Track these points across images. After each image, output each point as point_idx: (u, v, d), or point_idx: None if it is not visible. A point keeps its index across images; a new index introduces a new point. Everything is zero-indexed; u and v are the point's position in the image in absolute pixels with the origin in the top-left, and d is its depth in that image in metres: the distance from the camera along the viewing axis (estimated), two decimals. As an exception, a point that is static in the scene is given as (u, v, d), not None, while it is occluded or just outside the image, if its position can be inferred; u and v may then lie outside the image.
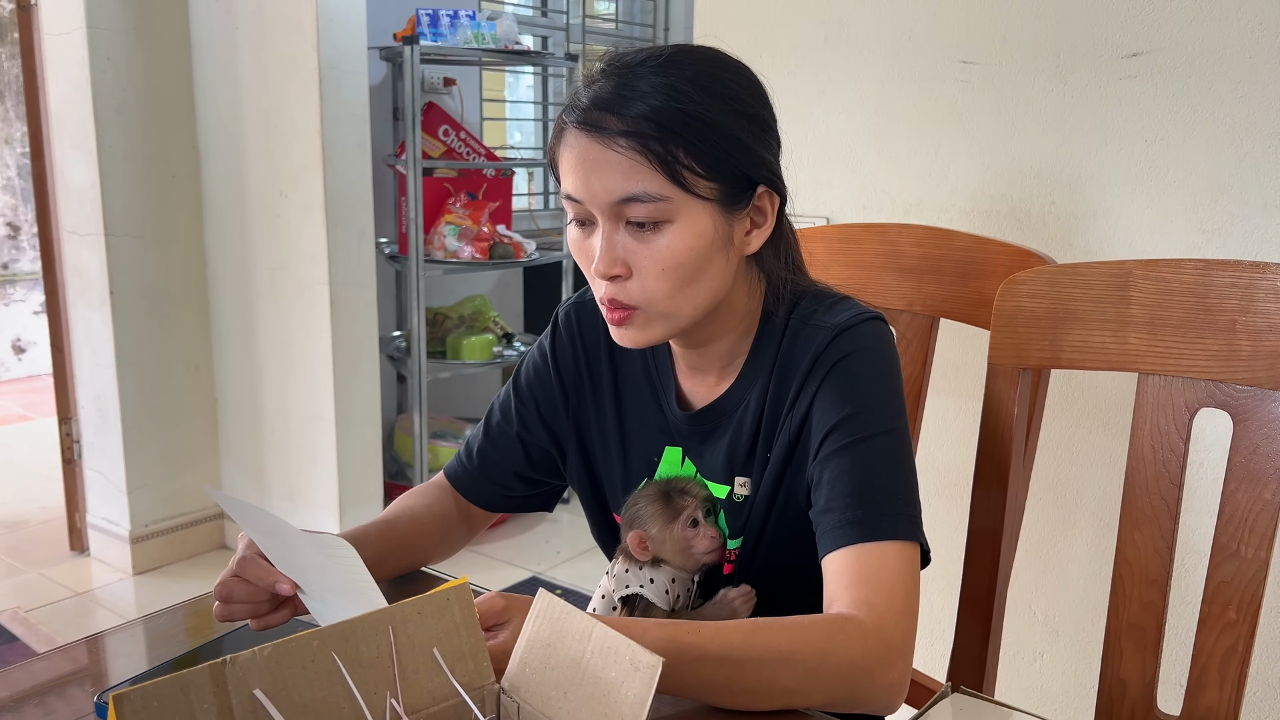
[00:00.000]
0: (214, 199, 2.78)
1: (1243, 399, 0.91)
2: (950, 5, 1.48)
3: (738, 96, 0.85)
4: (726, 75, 0.85)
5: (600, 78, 0.84)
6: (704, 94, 0.82)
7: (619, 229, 0.84)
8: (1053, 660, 1.53)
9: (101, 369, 2.73)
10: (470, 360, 3.07)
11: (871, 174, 1.59)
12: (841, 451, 0.84)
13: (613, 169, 0.81)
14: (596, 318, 1.00)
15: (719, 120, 0.82)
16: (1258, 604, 0.91)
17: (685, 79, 0.82)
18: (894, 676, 0.78)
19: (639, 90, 0.81)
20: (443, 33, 2.79)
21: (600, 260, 0.84)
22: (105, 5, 2.54)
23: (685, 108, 0.81)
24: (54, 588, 2.72)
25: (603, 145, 0.81)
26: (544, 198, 4.12)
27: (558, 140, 0.86)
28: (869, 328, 0.89)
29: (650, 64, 0.83)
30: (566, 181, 0.85)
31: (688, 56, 0.85)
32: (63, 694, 0.81)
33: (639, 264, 0.84)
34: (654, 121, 0.80)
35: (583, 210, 0.85)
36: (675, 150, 0.80)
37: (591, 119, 0.82)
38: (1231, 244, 1.29)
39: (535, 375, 1.04)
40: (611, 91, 0.82)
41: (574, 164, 0.83)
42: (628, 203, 0.82)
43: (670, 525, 0.91)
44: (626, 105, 0.81)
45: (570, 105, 0.84)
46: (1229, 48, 1.26)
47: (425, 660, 0.58)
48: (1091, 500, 1.46)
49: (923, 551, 0.84)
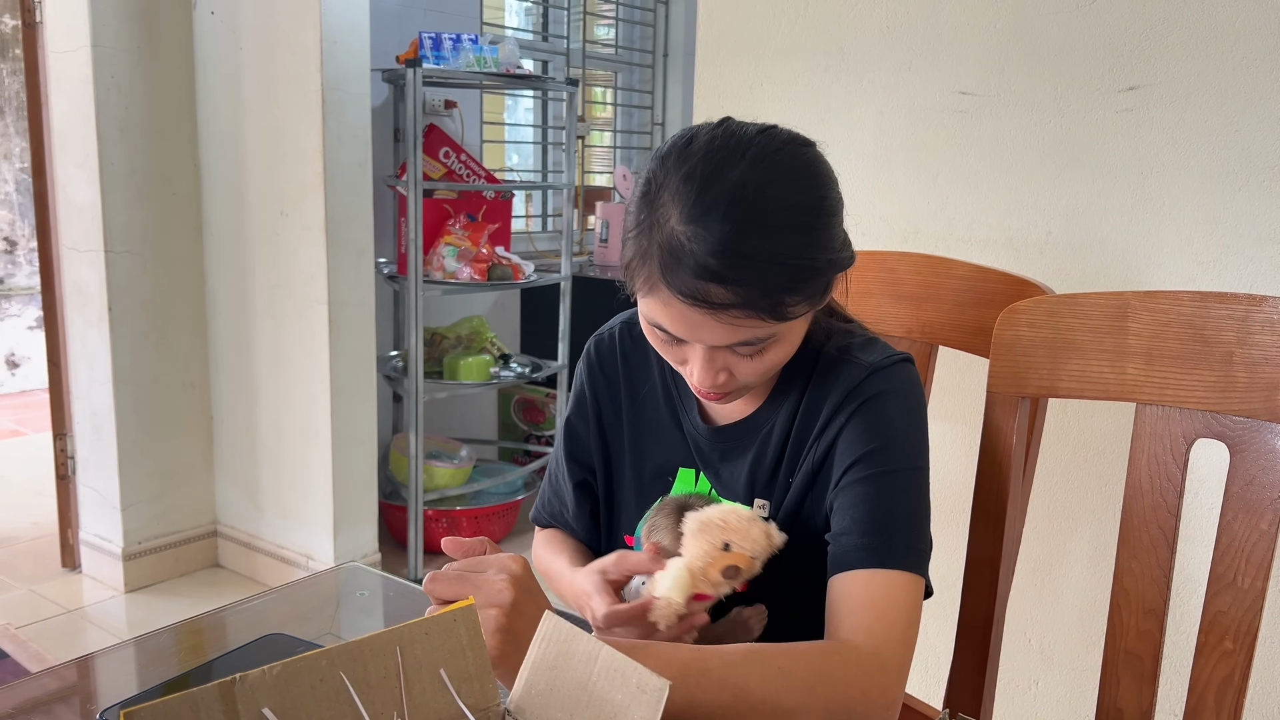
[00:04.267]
0: (214, 217, 2.79)
1: (1239, 430, 0.92)
2: (949, 36, 1.50)
3: (826, 215, 0.83)
4: (816, 195, 0.83)
5: (699, 221, 0.78)
6: (803, 236, 0.80)
7: (719, 353, 0.84)
8: (1047, 688, 1.53)
9: (98, 385, 2.73)
10: (467, 381, 3.08)
11: (870, 202, 1.61)
12: (864, 481, 0.86)
13: (720, 328, 0.80)
14: (614, 348, 1.04)
15: (818, 258, 0.81)
16: (1254, 634, 0.91)
17: (780, 225, 0.79)
18: (888, 700, 0.80)
19: (741, 254, 0.77)
20: (445, 56, 2.82)
21: (702, 381, 0.85)
22: (110, 24, 2.55)
23: (791, 262, 0.79)
24: (45, 604, 2.70)
25: (708, 314, 0.79)
26: (542, 220, 4.14)
27: (646, 282, 0.82)
28: (901, 370, 0.91)
29: (744, 199, 0.78)
30: (658, 315, 0.83)
31: (777, 182, 0.80)
32: (55, 715, 0.81)
33: (741, 370, 0.86)
34: (763, 288, 0.78)
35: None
36: (782, 300, 0.80)
37: (698, 292, 0.78)
38: (1226, 276, 1.31)
39: (579, 418, 1.05)
40: (713, 258, 0.77)
41: (673, 318, 0.81)
42: (735, 346, 0.83)
43: (676, 538, 0.92)
44: (735, 274, 0.77)
45: (666, 261, 0.79)
46: (1224, 82, 1.28)
47: (432, 680, 0.58)
48: (1087, 529, 1.46)
49: (925, 587, 0.87)
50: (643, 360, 1.02)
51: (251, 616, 1.01)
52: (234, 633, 0.98)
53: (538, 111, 4.07)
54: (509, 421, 3.73)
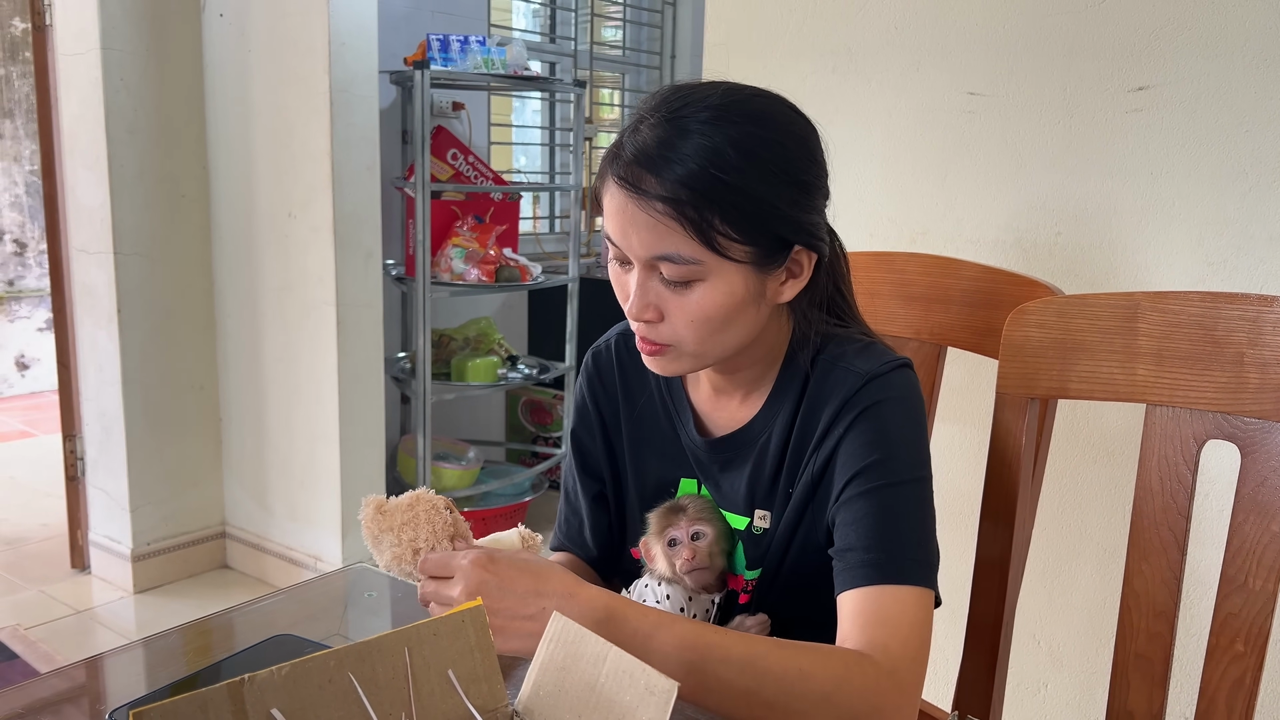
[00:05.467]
0: (223, 219, 2.80)
1: (1250, 431, 0.91)
2: (957, 37, 1.49)
3: (781, 160, 0.83)
4: (775, 136, 0.83)
5: (649, 116, 0.83)
6: (746, 159, 0.81)
7: (652, 278, 0.85)
8: (1056, 691, 1.52)
9: (107, 386, 2.74)
10: (474, 382, 3.08)
11: (878, 203, 1.60)
12: (865, 495, 0.85)
13: (648, 229, 0.82)
14: (612, 359, 1.03)
15: (757, 188, 0.81)
16: (1265, 636, 0.91)
17: (729, 140, 0.81)
18: (902, 718, 0.79)
19: (680, 151, 0.80)
20: (453, 58, 2.82)
21: (633, 304, 0.86)
22: (120, 27, 2.56)
23: (725, 176, 0.80)
24: (54, 605, 2.71)
25: (639, 205, 0.81)
26: (549, 222, 4.15)
27: (601, 180, 0.86)
28: (899, 376, 0.90)
29: (699, 115, 0.82)
30: (607, 223, 0.86)
31: (739, 110, 0.83)
32: (64, 716, 0.81)
33: (670, 311, 0.85)
34: (690, 189, 0.80)
35: (620, 252, 0.86)
36: (710, 217, 0.80)
37: (631, 176, 0.82)
38: (1237, 277, 1.30)
39: (584, 431, 1.05)
40: (654, 147, 0.81)
41: (613, 213, 0.84)
42: (661, 260, 0.83)
43: (659, 538, 0.93)
44: (666, 167, 0.80)
45: (615, 151, 0.84)
46: (1235, 82, 1.28)
47: (440, 682, 0.58)
48: (1096, 530, 1.46)
49: (935, 598, 0.86)
50: (639, 371, 1.01)
51: (260, 617, 1.01)
52: (242, 634, 0.98)
53: (545, 113, 4.08)
54: (516, 423, 3.73)
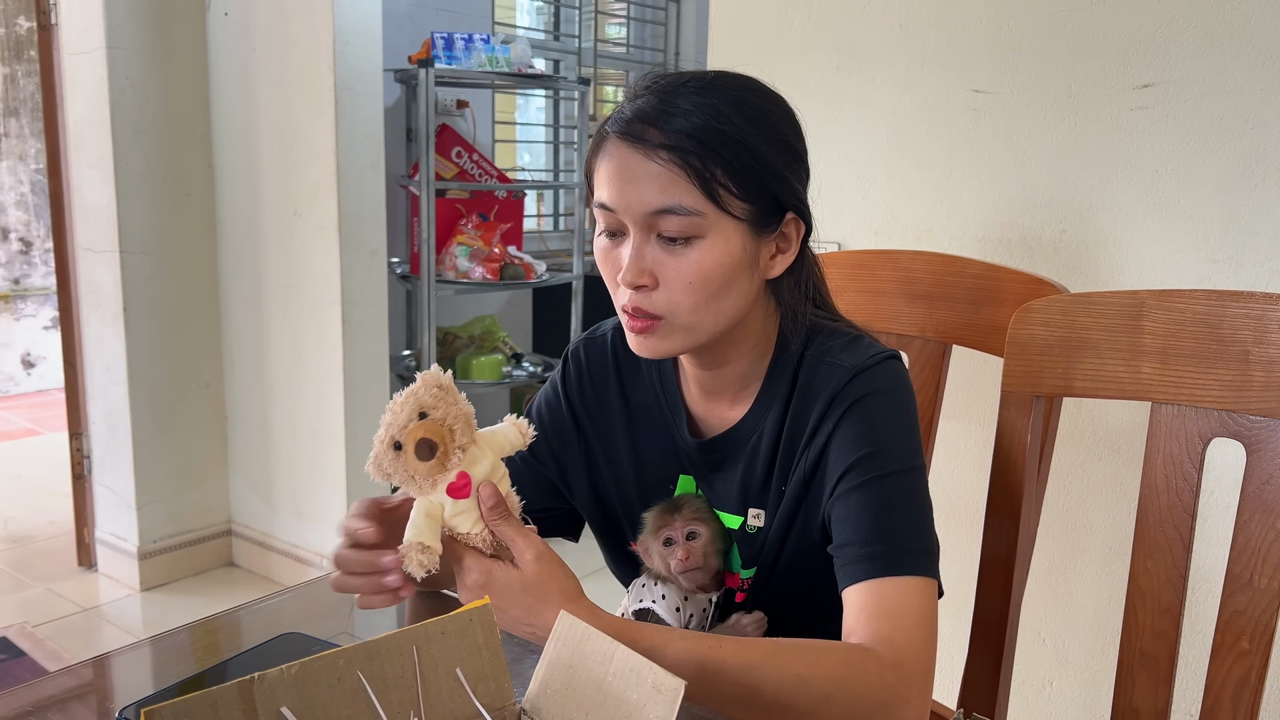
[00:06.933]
0: (228, 217, 2.81)
1: (1256, 429, 0.91)
2: (962, 34, 1.49)
3: (775, 125, 0.87)
4: (765, 104, 0.87)
5: (644, 93, 0.86)
6: (744, 118, 0.84)
7: (649, 240, 0.85)
8: (1061, 688, 1.53)
9: (113, 384, 2.75)
10: (479, 380, 3.09)
11: (883, 200, 1.60)
12: (859, 489, 0.85)
13: (650, 180, 0.83)
14: (605, 352, 1.02)
15: (756, 145, 0.84)
16: (1271, 634, 0.91)
17: (726, 102, 0.84)
18: (911, 714, 0.78)
19: (681, 108, 0.83)
20: (457, 56, 2.82)
21: (628, 269, 0.85)
22: (125, 26, 2.57)
23: (725, 128, 0.83)
24: (61, 603, 2.72)
25: (643, 156, 0.83)
26: (554, 219, 4.15)
27: (596, 150, 0.88)
28: (886, 368, 0.90)
29: (693, 85, 0.85)
30: (602, 191, 0.86)
31: (730, 82, 0.87)
32: (72, 714, 0.82)
33: (666, 275, 0.85)
34: (695, 138, 0.82)
35: (614, 220, 0.86)
36: (713, 168, 0.82)
37: (634, 130, 0.84)
38: (1242, 274, 1.30)
39: (547, 408, 1.05)
40: (655, 106, 0.84)
41: (612, 173, 0.85)
42: (662, 214, 0.83)
43: (654, 538, 0.93)
44: (669, 120, 0.83)
45: (613, 117, 0.87)
46: (1239, 78, 1.28)
47: (448, 680, 0.59)
48: (1101, 528, 1.46)
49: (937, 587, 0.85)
50: (634, 365, 1.01)
51: (267, 616, 1.01)
52: (249, 632, 0.99)
53: (549, 111, 4.08)
54: (521, 420, 3.73)
